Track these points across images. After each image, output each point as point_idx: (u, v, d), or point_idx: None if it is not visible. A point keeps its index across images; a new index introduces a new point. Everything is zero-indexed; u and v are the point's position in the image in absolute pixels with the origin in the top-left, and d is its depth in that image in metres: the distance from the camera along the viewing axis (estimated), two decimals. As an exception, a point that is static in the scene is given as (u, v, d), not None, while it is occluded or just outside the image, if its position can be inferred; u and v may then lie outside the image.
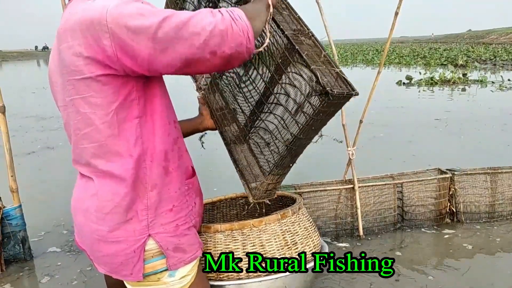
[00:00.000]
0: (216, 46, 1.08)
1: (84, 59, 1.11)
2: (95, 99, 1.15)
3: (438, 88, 12.14)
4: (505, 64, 20.26)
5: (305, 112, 1.39)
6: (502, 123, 7.00)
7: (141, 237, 1.27)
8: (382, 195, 3.14)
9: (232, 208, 2.24)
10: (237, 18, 1.11)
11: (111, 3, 1.10)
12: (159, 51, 1.08)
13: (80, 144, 1.24)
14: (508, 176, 3.37)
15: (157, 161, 1.27)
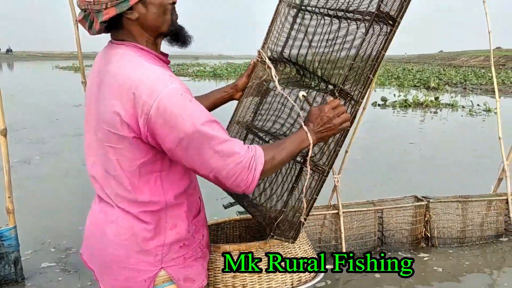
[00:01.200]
0: (221, 177, 1.27)
1: (122, 121, 1.23)
2: (123, 152, 1.28)
3: (412, 111, 12.58)
4: (474, 88, 21.05)
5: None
6: (472, 149, 7.37)
7: (154, 268, 1.39)
8: (364, 220, 3.36)
9: (235, 229, 2.40)
10: (252, 168, 1.28)
11: (164, 91, 1.20)
12: (179, 151, 1.23)
13: (109, 181, 1.36)
14: (478, 204, 3.65)
15: (177, 206, 1.41)
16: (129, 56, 1.29)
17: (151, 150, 1.28)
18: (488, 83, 23.20)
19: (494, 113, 11.82)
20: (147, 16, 1.32)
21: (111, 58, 1.32)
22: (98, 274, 1.47)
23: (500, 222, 3.71)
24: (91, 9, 1.27)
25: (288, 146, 1.41)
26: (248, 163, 1.27)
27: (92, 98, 1.37)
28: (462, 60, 70.30)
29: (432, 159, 6.73)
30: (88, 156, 1.43)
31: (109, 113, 1.25)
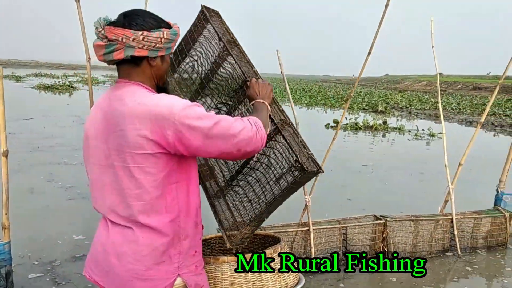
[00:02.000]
0: (242, 146, 1.56)
1: (148, 140, 1.50)
2: (148, 169, 1.54)
3: (362, 133, 13.31)
4: (419, 113, 22.35)
5: (286, 180, 1.97)
6: (419, 172, 8.04)
7: (172, 276, 1.63)
8: (331, 236, 3.76)
9: (220, 245, 2.72)
10: (259, 128, 1.62)
11: (179, 105, 1.50)
12: (207, 144, 1.54)
13: (129, 201, 1.58)
14: (427, 223, 4.15)
15: (191, 216, 1.68)
16: (140, 92, 1.58)
17: (170, 162, 1.56)
18: (431, 108, 24.69)
19: (438, 138, 12.74)
20: (160, 68, 1.67)
21: (123, 96, 1.58)
22: None
23: (446, 238, 4.23)
24: (123, 43, 1.54)
25: (260, 112, 1.85)
26: (255, 127, 1.61)
27: (98, 134, 1.61)
28: (407, 84, 73.77)
29: (385, 180, 7.32)
30: (96, 188, 1.66)
31: (134, 137, 1.49)
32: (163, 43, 1.59)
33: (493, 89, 4.18)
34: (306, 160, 1.98)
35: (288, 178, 1.96)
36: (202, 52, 2.40)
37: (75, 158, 7.63)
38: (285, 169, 1.99)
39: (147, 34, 1.55)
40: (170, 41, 1.62)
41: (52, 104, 18.46)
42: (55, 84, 28.27)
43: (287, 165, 1.97)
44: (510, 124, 17.41)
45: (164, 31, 1.59)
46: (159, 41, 1.58)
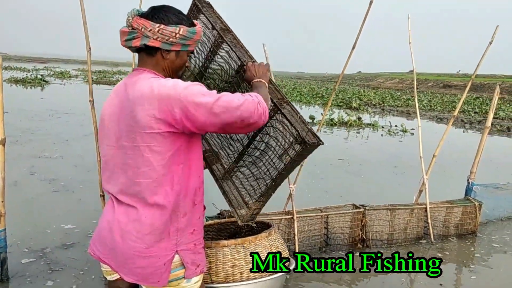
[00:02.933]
0: (246, 118, 1.68)
1: (156, 120, 1.63)
2: (156, 148, 1.68)
3: (337, 129, 13.60)
4: (391, 109, 22.88)
5: (289, 155, 2.12)
6: (393, 166, 8.34)
7: (170, 252, 1.77)
8: (313, 224, 3.96)
9: (209, 233, 2.87)
10: (261, 101, 1.73)
11: (183, 84, 1.65)
12: (211, 119, 1.64)
13: (136, 179, 1.72)
14: (403, 212, 4.39)
15: (189, 195, 1.81)
16: (150, 77, 1.73)
17: (177, 141, 1.70)
18: (403, 105, 25.27)
19: (410, 134, 13.16)
20: (173, 62, 1.82)
21: (136, 81, 1.74)
22: (116, 267, 1.81)
23: (420, 227, 4.48)
24: (141, 32, 1.72)
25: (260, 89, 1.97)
26: (255, 99, 1.71)
27: (113, 117, 1.76)
28: (379, 81, 74.97)
29: (360, 174, 7.58)
30: (108, 166, 1.80)
31: (144, 117, 1.63)
32: (178, 38, 1.73)
33: (463, 87, 4.45)
34: (306, 134, 2.10)
35: (291, 152, 2.10)
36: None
37: (56, 152, 7.63)
38: (287, 145, 2.13)
39: (163, 27, 1.70)
40: (186, 38, 1.74)
41: (26, 98, 18.12)
42: (26, 77, 27.68)
43: (289, 141, 2.10)
44: (479, 121, 18.04)
45: (182, 28, 1.72)
46: (174, 36, 1.71)
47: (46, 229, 4.25)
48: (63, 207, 4.93)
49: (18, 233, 4.06)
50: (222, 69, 2.37)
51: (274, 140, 2.17)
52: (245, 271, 2.17)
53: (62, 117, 11.98)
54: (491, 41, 4.24)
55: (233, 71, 2.30)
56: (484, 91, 41.47)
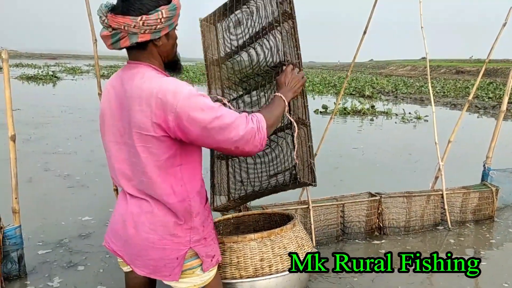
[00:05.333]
0: (240, 145, 1.61)
1: (152, 123, 1.56)
2: (152, 149, 1.63)
3: (350, 118, 13.50)
4: (405, 97, 22.64)
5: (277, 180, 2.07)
6: (408, 153, 8.25)
7: (184, 248, 1.75)
8: (329, 213, 3.93)
9: (227, 227, 2.84)
10: (260, 130, 1.64)
11: (183, 92, 1.54)
12: (204, 136, 1.58)
13: (139, 177, 1.70)
14: (419, 199, 4.33)
15: (197, 195, 1.78)
16: (148, 74, 1.65)
17: (173, 145, 1.63)
18: (416, 92, 25.00)
19: (424, 121, 13.01)
20: (166, 45, 1.71)
21: (133, 76, 1.65)
22: (130, 260, 1.80)
23: (437, 213, 4.43)
24: (125, 31, 1.58)
25: (275, 108, 1.83)
26: (256, 126, 1.63)
27: (114, 112, 1.70)
28: (391, 69, 74.25)
29: (375, 162, 7.51)
30: (114, 163, 1.75)
31: (140, 118, 1.57)
32: (163, 22, 1.61)
33: (476, 72, 4.37)
34: (304, 168, 2.04)
35: (280, 179, 2.05)
36: (254, 10, 2.26)
37: (69, 147, 7.69)
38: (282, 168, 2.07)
39: (146, 18, 1.56)
40: (170, 18, 1.63)
41: (37, 94, 18.27)
42: (38, 74, 27.95)
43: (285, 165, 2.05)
44: (493, 106, 17.76)
45: (162, 9, 1.59)
46: (159, 22, 1.60)
47: (61, 222, 4.31)
48: (79, 201, 4.97)
49: (34, 227, 4.10)
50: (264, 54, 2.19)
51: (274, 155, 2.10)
52: (274, 264, 2.14)
53: (75, 113, 12.06)
54: (504, 22, 4.14)
55: (271, 63, 2.14)
56: (498, 76, 40.81)
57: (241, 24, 2.32)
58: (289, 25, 2.11)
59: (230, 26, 2.39)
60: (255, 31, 2.22)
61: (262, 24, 2.18)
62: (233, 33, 2.37)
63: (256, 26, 2.22)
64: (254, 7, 2.25)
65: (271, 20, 2.11)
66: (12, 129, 3.19)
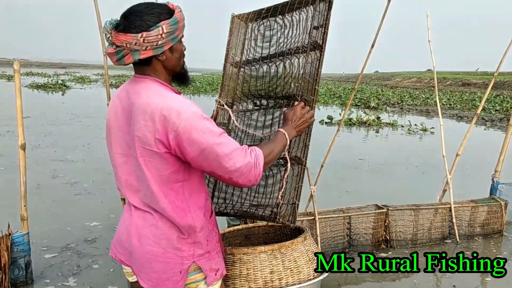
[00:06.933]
0: (234, 177, 1.61)
1: (155, 139, 1.56)
2: (155, 164, 1.63)
3: (356, 129, 13.50)
4: (410, 108, 22.60)
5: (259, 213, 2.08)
6: (414, 165, 8.23)
7: (187, 262, 1.75)
8: (335, 225, 3.91)
9: (236, 238, 2.84)
10: (257, 166, 1.64)
11: (188, 112, 1.55)
12: (201, 160, 1.58)
13: (145, 190, 1.70)
14: (427, 211, 4.31)
15: (199, 210, 1.77)
16: (155, 88, 1.65)
17: (176, 162, 1.64)
18: (422, 104, 24.95)
19: (430, 133, 12.98)
20: (171, 59, 1.70)
21: (140, 91, 1.66)
22: (136, 270, 1.80)
23: (445, 226, 4.40)
24: (128, 48, 1.59)
25: (276, 144, 1.82)
26: (254, 162, 1.63)
27: (119, 124, 1.71)
28: (396, 80, 74.14)
29: (381, 173, 7.49)
30: (120, 174, 1.75)
31: (144, 133, 1.57)
32: (165, 37, 1.60)
33: (482, 85, 4.37)
34: (288, 206, 2.03)
35: (260, 211, 2.06)
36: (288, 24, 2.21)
37: (77, 155, 7.73)
38: (265, 202, 2.07)
39: (147, 35, 1.56)
40: (172, 32, 1.62)
41: (47, 102, 18.43)
42: (47, 82, 28.22)
43: (269, 201, 2.05)
44: (500, 119, 17.70)
45: (163, 25, 1.59)
46: (160, 38, 1.59)
47: (67, 227, 4.35)
48: (86, 208, 5.00)
49: (40, 232, 4.13)
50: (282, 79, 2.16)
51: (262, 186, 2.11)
52: (284, 277, 2.13)
53: (83, 121, 12.14)
54: (515, 36, 4.15)
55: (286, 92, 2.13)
56: (505, 88, 40.69)
57: (272, 33, 2.30)
58: (316, 55, 2.08)
59: (261, 31, 2.37)
60: (283, 47, 2.21)
61: (291, 43, 2.16)
62: (260, 40, 2.35)
63: (286, 42, 2.20)
64: (290, 22, 2.23)
65: (300, 44, 2.09)
66: (22, 137, 3.23)
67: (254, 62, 2.36)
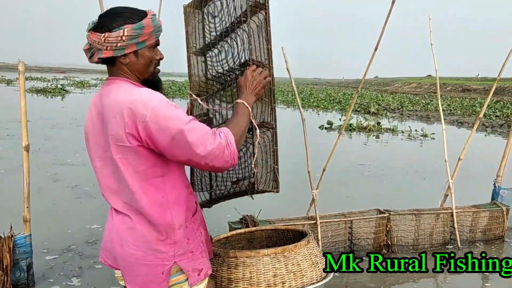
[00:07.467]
0: (210, 161, 1.59)
1: (125, 133, 1.57)
2: (130, 160, 1.63)
3: (356, 134, 13.50)
4: (411, 114, 22.61)
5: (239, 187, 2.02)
6: (415, 170, 8.23)
7: (168, 263, 1.73)
8: (337, 229, 3.91)
9: (239, 241, 2.83)
10: (229, 144, 1.62)
11: (154, 102, 1.56)
12: (172, 148, 1.57)
13: (123, 190, 1.70)
14: (428, 216, 4.31)
15: (180, 206, 1.76)
16: (124, 87, 1.67)
17: (151, 156, 1.64)
18: (422, 110, 24.97)
19: (431, 138, 12.98)
20: (135, 64, 1.71)
21: (110, 91, 1.68)
22: (123, 274, 1.80)
23: (446, 232, 4.40)
24: (95, 46, 1.65)
25: (239, 117, 1.78)
26: (225, 142, 1.61)
27: (96, 129, 1.72)
28: (396, 86, 74.22)
29: (382, 179, 7.49)
30: (101, 179, 1.75)
31: (116, 129, 1.59)
32: (126, 40, 1.62)
33: (482, 90, 4.38)
34: (268, 174, 1.97)
35: (241, 186, 2.01)
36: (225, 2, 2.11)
37: (77, 159, 7.73)
38: (242, 176, 2.01)
39: (108, 36, 1.61)
40: (134, 37, 1.64)
41: (47, 107, 18.41)
42: (47, 87, 28.29)
43: (245, 173, 1.98)
44: (500, 125, 17.72)
45: (126, 28, 1.61)
46: (120, 40, 1.62)
47: (68, 230, 4.36)
48: (87, 211, 5.01)
49: (41, 235, 4.12)
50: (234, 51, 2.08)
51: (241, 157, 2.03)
52: (287, 281, 2.11)
53: (83, 125, 11.99)
54: (517, 42, 4.16)
55: (239, 61, 2.03)
56: (505, 94, 40.76)
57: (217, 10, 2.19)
58: (262, 15, 1.97)
59: (211, 11, 2.26)
60: (228, 23, 2.11)
61: (232, 16, 2.06)
62: (212, 22, 2.26)
63: (230, 14, 2.09)
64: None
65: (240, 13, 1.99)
66: (26, 139, 3.23)
67: (215, 44, 2.28)
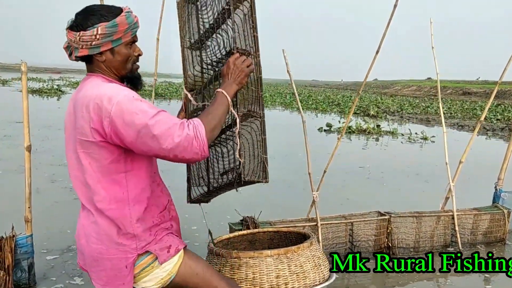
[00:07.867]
0: (178, 153, 1.58)
1: (91, 128, 1.59)
2: (93, 155, 1.65)
3: (355, 137, 13.47)
4: (410, 117, 22.61)
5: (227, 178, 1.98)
6: (415, 173, 8.21)
7: (131, 255, 1.73)
8: (337, 231, 3.89)
9: (241, 243, 2.81)
10: (198, 135, 1.59)
11: (119, 96, 1.57)
12: (139, 142, 1.58)
13: (82, 185, 1.72)
14: (429, 219, 4.29)
15: (140, 203, 1.74)
16: (96, 82, 1.70)
17: (115, 151, 1.65)
18: (422, 113, 24.96)
19: (431, 141, 12.96)
20: (112, 61, 1.74)
21: (83, 87, 1.72)
22: (88, 271, 1.81)
23: (447, 234, 4.38)
24: (72, 45, 1.69)
25: (215, 107, 1.74)
26: (193, 133, 1.59)
27: (71, 125, 1.73)
28: (396, 89, 74.38)
29: (382, 181, 7.48)
30: (71, 174, 1.77)
31: (81, 124, 1.61)
32: (100, 39, 1.65)
33: (483, 94, 4.37)
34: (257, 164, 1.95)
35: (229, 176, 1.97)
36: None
37: (76, 159, 7.68)
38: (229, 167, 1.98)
39: (82, 34, 1.64)
40: (108, 35, 1.65)
41: (42, 107, 18.34)
42: (43, 87, 28.29)
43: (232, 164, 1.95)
44: (501, 128, 17.72)
45: (99, 27, 1.63)
46: (95, 39, 1.64)
47: (67, 230, 4.36)
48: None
49: (40, 236, 4.08)
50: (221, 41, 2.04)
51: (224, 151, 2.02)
52: (290, 282, 2.10)
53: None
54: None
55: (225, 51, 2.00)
56: (506, 98, 40.78)
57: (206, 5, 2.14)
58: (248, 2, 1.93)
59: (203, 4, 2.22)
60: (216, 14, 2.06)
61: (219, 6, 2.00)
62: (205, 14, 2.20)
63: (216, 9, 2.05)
64: None
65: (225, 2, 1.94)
66: (28, 139, 3.23)
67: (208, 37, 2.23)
